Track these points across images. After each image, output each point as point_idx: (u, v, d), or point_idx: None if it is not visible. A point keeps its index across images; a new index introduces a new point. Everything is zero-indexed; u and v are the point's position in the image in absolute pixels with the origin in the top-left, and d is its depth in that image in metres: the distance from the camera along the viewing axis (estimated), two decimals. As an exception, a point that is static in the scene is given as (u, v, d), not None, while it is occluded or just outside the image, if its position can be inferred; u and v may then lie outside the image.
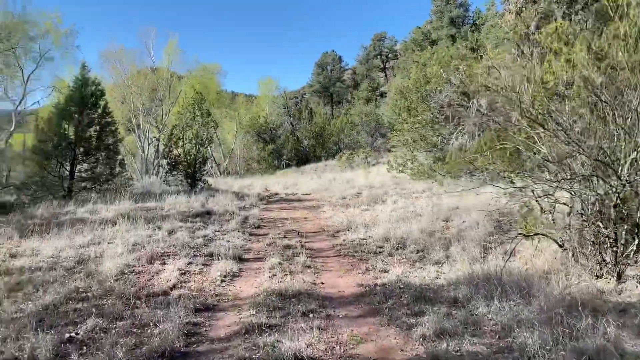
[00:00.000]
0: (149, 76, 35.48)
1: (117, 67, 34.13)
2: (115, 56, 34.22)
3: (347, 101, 57.23)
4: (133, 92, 33.75)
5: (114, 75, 34.25)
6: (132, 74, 34.41)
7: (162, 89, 34.58)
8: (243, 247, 8.70)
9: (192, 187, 18.47)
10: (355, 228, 10.39)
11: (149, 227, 10.23)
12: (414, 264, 7.30)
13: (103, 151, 17.35)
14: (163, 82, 34.77)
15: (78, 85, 16.94)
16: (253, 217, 12.34)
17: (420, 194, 15.97)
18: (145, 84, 34.56)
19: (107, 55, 34.41)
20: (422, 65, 21.37)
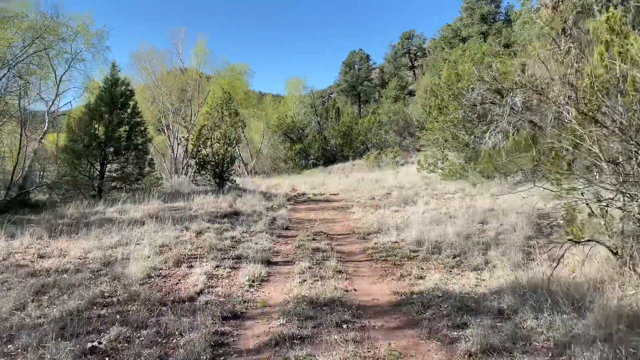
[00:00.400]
0: (178, 77, 35.72)
1: (147, 68, 34.50)
2: (146, 57, 34.61)
3: (374, 100, 56.64)
4: (162, 93, 34.01)
5: (144, 76, 34.63)
6: (162, 74, 34.70)
7: (190, 89, 34.76)
8: (271, 249, 8.43)
9: (220, 187, 18.37)
10: (386, 230, 10.01)
11: (177, 227, 10.08)
12: (451, 269, 6.88)
13: (132, 151, 17.38)
14: (192, 83, 34.94)
15: (108, 85, 17.01)
16: (281, 218, 12.08)
17: (452, 194, 15.45)
18: (175, 85, 34.79)
19: (138, 56, 34.82)
20: (453, 62, 20.78)
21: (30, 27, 17.33)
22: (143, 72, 34.59)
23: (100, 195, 16.66)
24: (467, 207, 12.71)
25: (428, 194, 15.90)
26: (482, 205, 12.72)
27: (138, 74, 34.46)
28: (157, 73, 34.52)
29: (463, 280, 6.30)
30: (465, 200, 13.79)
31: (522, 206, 12.11)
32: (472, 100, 18.09)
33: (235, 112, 18.91)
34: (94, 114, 16.61)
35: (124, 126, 17.28)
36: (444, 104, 19.42)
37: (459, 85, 18.31)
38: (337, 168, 31.41)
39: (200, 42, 35.66)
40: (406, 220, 11.29)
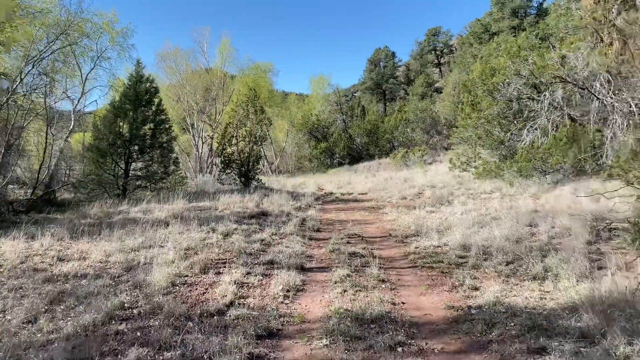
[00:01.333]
0: (202, 75, 35.43)
1: (172, 67, 34.27)
2: (170, 56, 34.40)
3: (400, 98, 55.51)
4: (187, 92, 33.74)
5: (169, 75, 34.42)
6: (186, 73, 34.43)
7: (215, 87, 34.41)
8: (304, 253, 7.74)
9: (245, 186, 17.82)
10: (425, 233, 9.25)
11: (203, 229, 9.50)
12: (507, 279, 6.09)
13: (157, 149, 16.97)
14: (216, 81, 34.59)
15: (132, 82, 16.61)
16: (311, 218, 11.41)
17: (488, 194, 14.57)
18: (199, 83, 34.49)
19: (163, 55, 34.64)
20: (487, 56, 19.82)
21: (55, 24, 17.03)
22: (168, 71, 34.42)
23: (124, 194, 16.28)
24: (508, 207, 11.84)
25: (463, 193, 15.05)
26: (524, 205, 11.84)
27: (163, 73, 34.33)
28: (181, 72, 34.28)
29: (524, 292, 5.51)
30: (505, 201, 12.90)
31: (569, 207, 11.23)
32: (508, 96, 17.15)
33: (261, 109, 18.32)
34: (118, 111, 16.22)
35: (148, 124, 16.87)
36: (477, 99, 18.49)
37: (493, 80, 17.37)
38: (363, 167, 30.61)
39: (224, 41, 35.31)
40: (444, 221, 10.50)
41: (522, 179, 15.45)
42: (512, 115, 17.43)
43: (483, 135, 18.22)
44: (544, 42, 17.99)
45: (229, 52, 34.84)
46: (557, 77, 16.14)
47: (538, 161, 15.00)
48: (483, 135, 18.25)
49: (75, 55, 21.92)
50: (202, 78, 35.07)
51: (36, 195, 18.46)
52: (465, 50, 41.68)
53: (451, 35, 59.73)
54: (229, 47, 34.95)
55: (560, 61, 15.95)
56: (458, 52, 47.91)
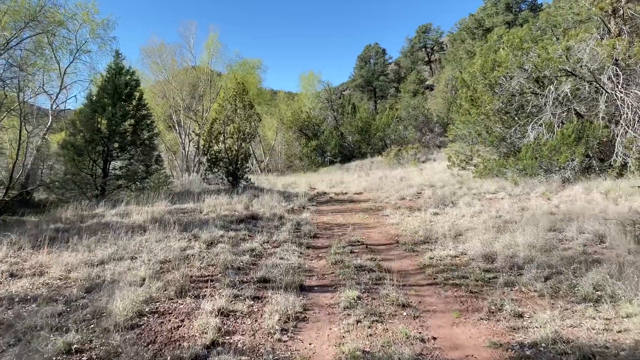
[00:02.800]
0: (189, 71, 33.94)
1: (158, 63, 32.73)
2: (156, 51, 32.85)
3: (391, 96, 54.32)
4: (173, 88, 32.24)
5: (155, 71, 32.87)
6: (173, 69, 32.89)
7: (202, 84, 32.94)
8: (302, 266, 6.50)
9: (233, 186, 16.52)
10: (437, 240, 8.09)
11: (184, 236, 8.23)
12: (553, 301, 4.91)
13: (139, 147, 15.60)
14: (203, 77, 33.12)
15: (111, 74, 15.22)
16: (306, 222, 10.16)
17: (493, 194, 13.47)
18: (186, 80, 33.00)
19: (148, 50, 33.05)
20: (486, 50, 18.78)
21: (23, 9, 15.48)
22: (153, 67, 32.88)
23: (103, 195, 14.93)
24: (519, 209, 10.74)
25: (465, 193, 13.92)
26: (536, 207, 10.74)
27: (148, 68, 32.79)
28: (167, 67, 32.75)
29: (582, 321, 4.34)
30: (514, 201, 11.80)
31: (587, 208, 10.15)
32: (511, 90, 16.06)
33: (250, 105, 17.01)
34: (96, 106, 14.83)
35: (129, 119, 15.49)
36: (477, 95, 17.38)
37: (494, 74, 16.26)
38: (355, 165, 29.41)
39: (212, 36, 33.83)
40: (454, 225, 9.34)
41: (527, 177, 14.41)
42: (514, 110, 16.37)
43: (483, 131, 17.12)
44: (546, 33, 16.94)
45: (216, 47, 33.42)
46: (562, 71, 15.11)
47: (544, 159, 13.92)
48: (483, 132, 17.15)
49: (53, 47, 20.45)
50: (189, 74, 33.59)
51: (10, 196, 17.03)
52: (457, 47, 40.64)
53: (442, 33, 58.76)
54: (216, 42, 33.53)
55: (565, 54, 14.91)
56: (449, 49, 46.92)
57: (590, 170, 14.25)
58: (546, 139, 14.23)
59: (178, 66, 33.54)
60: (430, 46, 59.90)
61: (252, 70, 35.65)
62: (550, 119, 14.73)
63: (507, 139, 16.38)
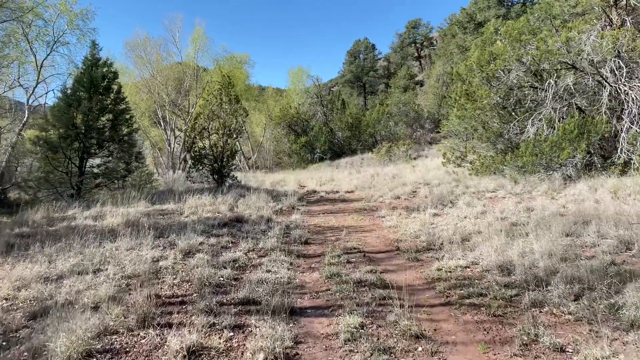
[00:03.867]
0: (174, 66, 32.69)
1: (142, 57, 31.41)
2: (140, 45, 31.54)
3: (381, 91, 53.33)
4: (158, 83, 30.99)
5: (139, 65, 31.54)
6: (157, 63, 31.59)
7: (188, 79, 31.73)
8: (292, 281, 5.56)
9: (219, 184, 15.52)
10: (442, 246, 7.21)
11: (159, 243, 7.26)
12: (594, 327, 4.04)
13: (117, 143, 14.52)
14: (189, 72, 31.92)
15: (87, 66, 14.11)
16: (295, 225, 9.23)
17: (492, 193, 12.67)
18: (171, 74, 31.76)
19: (132, 44, 31.70)
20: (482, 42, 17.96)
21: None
22: (138, 61, 31.55)
23: (79, 194, 13.85)
24: (524, 209, 9.92)
25: (463, 192, 13.10)
26: (542, 207, 9.92)
27: (132, 63, 31.49)
28: (152, 62, 31.44)
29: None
30: (517, 201, 10.99)
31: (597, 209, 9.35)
32: (509, 84, 15.25)
33: (236, 99, 15.98)
34: (70, 99, 13.72)
35: (106, 114, 14.40)
36: (472, 89, 16.55)
37: (491, 67, 15.43)
38: (346, 162, 28.50)
39: (198, 29, 32.63)
40: (457, 228, 8.48)
41: (526, 175, 13.63)
42: (511, 105, 15.57)
43: (479, 127, 16.31)
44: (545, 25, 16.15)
45: (203, 41, 32.22)
46: (562, 63, 14.33)
47: (545, 155, 13.13)
48: (479, 128, 16.34)
49: (29, 39, 19.26)
50: (174, 68, 32.36)
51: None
52: (447, 42, 39.84)
53: (431, 28, 57.87)
54: (203, 35, 32.32)
55: (565, 46, 14.13)
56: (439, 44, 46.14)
57: (592, 168, 13.52)
58: (546, 135, 13.46)
59: (163, 60, 32.29)
60: (419, 42, 58.97)
61: (239, 65, 34.52)
62: (551, 113, 13.95)
63: (505, 135, 15.59)
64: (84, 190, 14.26)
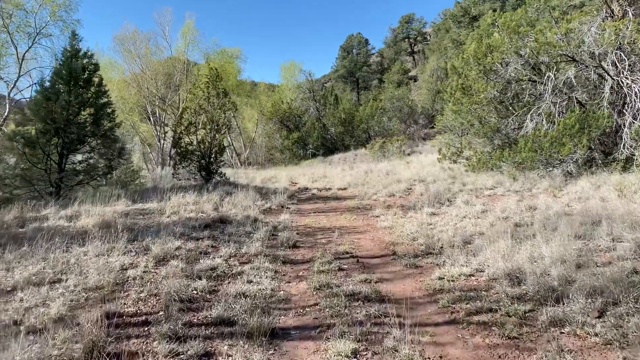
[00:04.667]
0: (165, 61, 31.76)
1: (131, 51, 30.45)
2: (129, 39, 30.58)
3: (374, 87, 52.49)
4: (147, 78, 30.09)
5: (128, 60, 30.60)
6: (147, 57, 30.65)
7: (178, 73, 30.85)
8: (275, 294, 4.86)
9: (206, 182, 14.78)
10: (442, 250, 6.54)
11: (132, 248, 6.55)
12: (625, 351, 3.40)
13: (99, 138, 13.73)
14: (179, 66, 31.04)
15: (66, 57, 13.28)
16: (284, 226, 8.52)
17: (491, 190, 12.04)
18: (160, 69, 30.86)
19: (121, 38, 30.74)
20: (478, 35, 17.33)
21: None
22: (126, 55, 30.61)
23: (59, 192, 13.07)
24: (527, 208, 9.29)
25: (460, 189, 12.48)
26: (545, 205, 9.30)
27: (121, 57, 30.55)
28: (141, 56, 30.50)
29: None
30: (518, 199, 10.36)
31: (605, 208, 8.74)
32: (507, 77, 14.61)
33: (224, 92, 15.20)
34: (49, 92, 12.91)
35: (87, 108, 13.60)
36: (468, 83, 15.88)
37: (488, 60, 14.78)
38: (339, 158, 27.79)
39: (188, 23, 31.74)
40: (457, 230, 7.83)
41: (525, 171, 13.04)
42: (509, 99, 14.94)
43: (476, 122, 15.66)
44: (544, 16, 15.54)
45: (193, 34, 31.34)
46: (562, 56, 13.70)
47: (545, 151, 12.52)
48: (476, 123, 15.69)
49: (9, 30, 18.40)
50: (164, 63, 31.46)
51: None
52: (441, 37, 39.16)
53: (425, 23, 57.07)
54: (193, 29, 31.45)
55: (565, 38, 13.51)
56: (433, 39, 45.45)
57: (592, 164, 12.95)
58: (546, 130, 12.85)
59: (152, 54, 31.36)
60: (413, 37, 58.16)
61: (230, 60, 33.64)
62: (550, 108, 13.35)
63: (502, 130, 14.96)
64: (64, 188, 13.48)
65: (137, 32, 30.76)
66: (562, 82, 13.39)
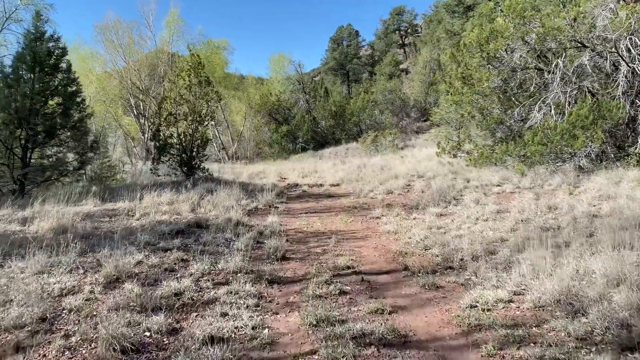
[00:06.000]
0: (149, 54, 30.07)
1: (113, 41, 28.71)
2: (111, 29, 28.83)
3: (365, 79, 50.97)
4: (130, 69, 28.43)
5: (110, 50, 28.85)
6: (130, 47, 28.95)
7: (162, 64, 29.22)
8: (257, 335, 3.54)
9: (188, 177, 13.39)
10: (464, 263, 5.30)
11: (82, 263, 5.19)
12: None
13: (68, 130, 12.27)
14: (164, 57, 29.40)
15: (29, 40, 11.78)
16: (271, 231, 7.19)
17: (498, 187, 10.91)
18: (144, 60, 29.18)
19: (103, 27, 28.96)
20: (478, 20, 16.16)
21: None
22: (108, 46, 28.85)
23: (23, 190, 11.63)
24: (546, 208, 8.09)
25: (465, 185, 11.31)
26: (567, 205, 8.10)
27: (103, 47, 28.79)
28: (123, 46, 28.78)
29: None
30: (532, 197, 9.17)
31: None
32: (512, 65, 13.40)
33: (207, 81, 13.77)
34: (11, 80, 11.44)
35: (55, 97, 12.13)
36: (469, 71, 14.64)
37: (492, 46, 13.54)
38: (329, 152, 26.45)
39: (172, 12, 30.07)
40: (474, 235, 6.59)
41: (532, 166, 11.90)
42: (513, 89, 13.73)
43: (477, 114, 14.45)
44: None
45: (178, 24, 29.70)
46: (572, 42, 12.52)
47: (556, 144, 11.33)
48: (477, 114, 14.47)
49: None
50: (148, 54, 29.78)
51: None
52: (433, 28, 37.91)
53: (416, 15, 55.68)
54: (178, 18, 29.82)
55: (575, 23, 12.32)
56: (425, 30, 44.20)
57: (603, 158, 11.83)
58: (554, 121, 11.68)
59: (135, 44, 29.63)
60: (404, 29, 56.64)
61: (217, 50, 32.01)
62: (560, 97, 12.17)
63: (506, 122, 13.77)
64: (30, 185, 12.04)
65: (120, 21, 29.05)
66: (571, 70, 12.24)
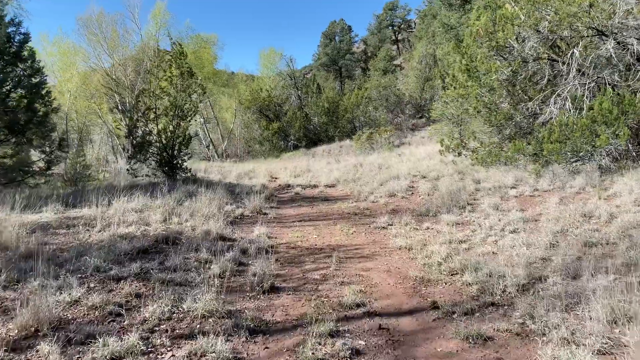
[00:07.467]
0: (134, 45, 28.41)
1: (97, 34, 27.01)
2: (94, 22, 27.10)
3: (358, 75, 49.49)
4: (115, 63, 26.76)
5: (93, 43, 27.13)
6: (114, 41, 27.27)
7: (148, 59, 27.55)
8: None
9: (169, 178, 11.95)
10: (510, 298, 3.96)
11: (2, 300, 3.77)
12: None
13: (33, 127, 10.79)
14: (150, 52, 27.74)
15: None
16: (257, 248, 5.77)
17: (514, 189, 9.63)
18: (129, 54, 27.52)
19: (85, 20, 27.22)
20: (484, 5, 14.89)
21: None
22: (92, 39, 27.12)
23: (-21, 193, 10.10)
24: (581, 216, 6.79)
25: (476, 188, 10.02)
26: (605, 211, 6.81)
27: (85, 41, 27.06)
28: (108, 40, 27.08)
29: None
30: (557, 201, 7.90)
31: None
32: (524, 56, 12.11)
33: (190, 72, 12.30)
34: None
35: (19, 89, 10.66)
36: (474, 64, 13.33)
37: (500, 35, 12.23)
38: (323, 150, 25.05)
39: (159, 5, 28.39)
40: (505, 252, 5.26)
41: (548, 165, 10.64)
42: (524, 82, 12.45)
43: (483, 109, 13.15)
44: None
45: (165, 17, 28.03)
46: (590, 29, 11.27)
47: (574, 141, 10.05)
48: (483, 110, 13.18)
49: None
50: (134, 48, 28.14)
51: None
52: (428, 23, 36.59)
53: (409, 10, 54.19)
54: (165, 11, 28.12)
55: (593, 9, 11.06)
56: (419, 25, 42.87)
57: (625, 156, 10.63)
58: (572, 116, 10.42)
59: (120, 38, 27.92)
60: (397, 24, 55.11)
61: (206, 45, 30.40)
62: (577, 90, 10.91)
63: (516, 117, 12.51)
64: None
65: (103, 14, 27.34)
66: (590, 61, 10.97)
